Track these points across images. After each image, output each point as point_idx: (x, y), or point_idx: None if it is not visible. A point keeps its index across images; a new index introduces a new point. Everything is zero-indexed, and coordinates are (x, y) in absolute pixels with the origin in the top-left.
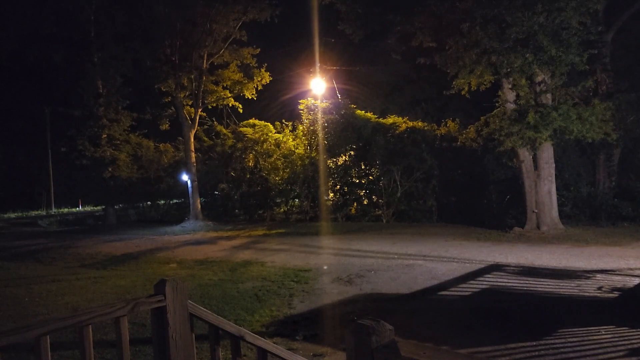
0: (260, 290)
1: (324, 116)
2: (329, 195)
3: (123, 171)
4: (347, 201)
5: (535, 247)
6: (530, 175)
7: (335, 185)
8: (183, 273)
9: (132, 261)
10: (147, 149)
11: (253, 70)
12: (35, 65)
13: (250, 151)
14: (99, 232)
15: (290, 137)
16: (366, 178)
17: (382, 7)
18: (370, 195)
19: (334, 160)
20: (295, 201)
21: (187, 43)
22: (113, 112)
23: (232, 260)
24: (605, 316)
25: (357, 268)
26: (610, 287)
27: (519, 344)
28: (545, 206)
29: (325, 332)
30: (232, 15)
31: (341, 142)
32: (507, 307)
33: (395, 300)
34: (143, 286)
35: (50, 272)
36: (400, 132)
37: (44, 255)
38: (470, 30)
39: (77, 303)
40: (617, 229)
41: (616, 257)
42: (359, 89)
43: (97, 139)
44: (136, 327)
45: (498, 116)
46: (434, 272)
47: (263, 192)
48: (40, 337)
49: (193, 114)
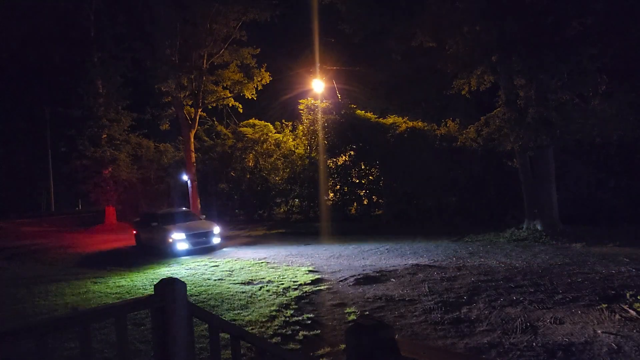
0: (260, 290)
1: (324, 116)
2: (329, 195)
3: (123, 171)
4: (347, 201)
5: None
6: (530, 175)
7: (335, 185)
8: (183, 273)
9: (132, 261)
10: (147, 149)
11: (253, 70)
12: (35, 65)
13: (250, 151)
14: (98, 232)
15: (290, 137)
16: (366, 178)
17: (382, 7)
18: (370, 195)
19: (334, 160)
20: (295, 201)
21: (187, 43)
22: (113, 112)
23: (232, 260)
24: None
25: (360, 269)
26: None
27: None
28: (545, 206)
29: (326, 332)
30: (232, 15)
31: (341, 142)
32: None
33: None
34: (143, 286)
35: (50, 272)
36: (400, 132)
37: (44, 255)
38: (471, 30)
39: (77, 303)
40: (617, 229)
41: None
42: (359, 89)
43: (97, 139)
44: (136, 327)
45: (498, 116)
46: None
47: (263, 192)
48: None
49: (193, 114)
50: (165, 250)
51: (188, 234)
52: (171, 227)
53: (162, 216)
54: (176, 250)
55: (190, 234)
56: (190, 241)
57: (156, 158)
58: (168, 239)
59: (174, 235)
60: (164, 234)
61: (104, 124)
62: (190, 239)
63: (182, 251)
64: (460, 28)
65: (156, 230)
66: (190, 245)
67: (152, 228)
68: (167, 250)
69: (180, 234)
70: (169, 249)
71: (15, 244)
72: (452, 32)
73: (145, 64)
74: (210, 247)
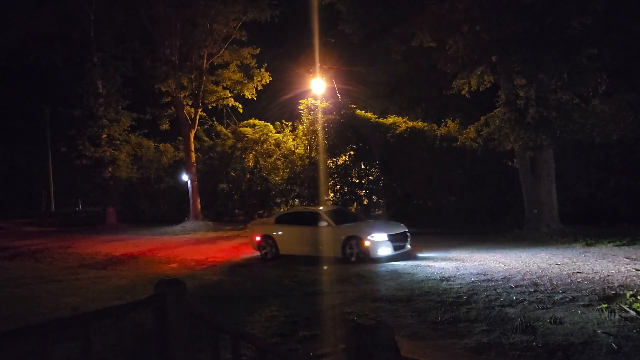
0: (260, 290)
1: (324, 116)
2: (329, 195)
3: (123, 171)
4: (347, 201)
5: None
6: (530, 175)
7: (335, 185)
8: (183, 273)
9: (132, 261)
10: (147, 149)
11: (253, 70)
12: (35, 65)
13: (250, 151)
14: (99, 232)
15: (290, 137)
16: (366, 178)
17: (382, 7)
18: (370, 195)
19: (334, 160)
20: (296, 201)
21: (187, 43)
22: (113, 112)
23: (232, 260)
24: None
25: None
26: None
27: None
28: (545, 206)
29: (326, 332)
30: (232, 15)
31: (341, 142)
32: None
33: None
34: (143, 286)
35: (50, 272)
36: (400, 132)
37: (44, 255)
38: (471, 30)
39: (77, 303)
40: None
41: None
42: (359, 89)
43: (97, 139)
44: (136, 327)
45: (498, 116)
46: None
47: (263, 192)
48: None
49: (193, 114)
50: (349, 256)
51: (390, 235)
52: (364, 227)
53: (330, 214)
54: (377, 256)
55: (392, 234)
56: (393, 244)
57: (156, 158)
58: (363, 241)
59: (375, 236)
60: (361, 234)
61: (104, 124)
62: (392, 241)
63: (383, 257)
64: (460, 28)
65: (330, 231)
66: (392, 250)
67: (314, 229)
68: (356, 256)
69: (381, 235)
70: (363, 254)
71: (15, 244)
72: (452, 32)
73: (145, 64)
74: (406, 253)
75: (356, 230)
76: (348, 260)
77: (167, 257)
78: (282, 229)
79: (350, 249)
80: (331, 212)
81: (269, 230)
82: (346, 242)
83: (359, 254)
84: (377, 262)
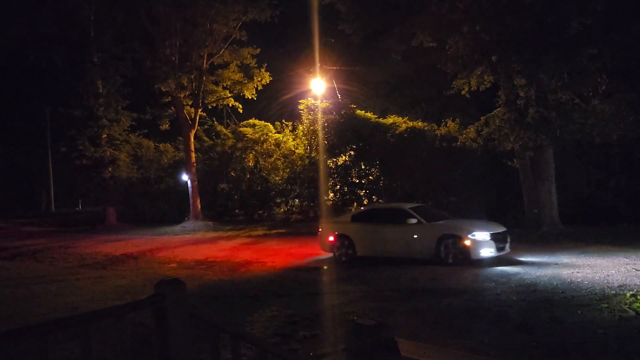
0: (260, 291)
1: (324, 116)
2: (329, 195)
3: (123, 171)
4: (347, 201)
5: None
6: (530, 175)
7: (335, 185)
8: (183, 273)
9: (132, 261)
10: (147, 149)
11: (253, 70)
12: (35, 65)
13: (250, 151)
14: (99, 232)
15: (290, 137)
16: (366, 178)
17: (382, 7)
18: (370, 195)
19: (334, 160)
20: (296, 201)
21: (187, 43)
22: (113, 112)
23: (232, 260)
24: None
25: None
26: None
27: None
28: (545, 206)
29: (326, 332)
30: (232, 15)
31: (341, 142)
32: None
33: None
34: (143, 286)
35: (50, 272)
36: (400, 132)
37: (44, 255)
38: (471, 30)
39: (77, 303)
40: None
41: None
42: (359, 89)
43: (97, 139)
44: (136, 327)
45: (498, 116)
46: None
47: (263, 192)
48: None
49: (193, 114)
50: (445, 257)
51: (492, 234)
52: (462, 225)
53: (418, 210)
54: (478, 257)
55: (494, 233)
56: (496, 245)
57: (156, 158)
58: (463, 240)
59: (477, 235)
60: (460, 232)
61: (104, 124)
62: (495, 241)
63: (486, 258)
64: (460, 28)
65: (421, 230)
66: (495, 251)
67: (401, 228)
68: (453, 257)
69: (483, 234)
70: (462, 255)
71: (15, 244)
72: (452, 32)
73: (145, 64)
74: (506, 254)
75: (453, 228)
76: (444, 262)
77: (167, 257)
78: (361, 227)
79: (447, 249)
80: (417, 208)
81: (345, 229)
82: (440, 241)
83: (457, 254)
84: (478, 264)
